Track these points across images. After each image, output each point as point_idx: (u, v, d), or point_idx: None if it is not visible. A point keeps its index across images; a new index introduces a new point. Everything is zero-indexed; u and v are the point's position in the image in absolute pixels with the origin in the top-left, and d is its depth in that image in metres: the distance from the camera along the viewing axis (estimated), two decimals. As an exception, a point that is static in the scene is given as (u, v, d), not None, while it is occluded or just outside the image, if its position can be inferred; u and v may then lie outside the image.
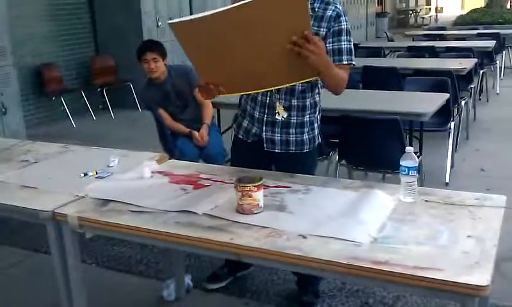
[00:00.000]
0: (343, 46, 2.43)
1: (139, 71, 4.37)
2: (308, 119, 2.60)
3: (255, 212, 2.04)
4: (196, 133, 3.97)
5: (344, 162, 3.87)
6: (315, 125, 2.66)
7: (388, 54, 9.02)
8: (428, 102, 4.09)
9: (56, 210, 2.18)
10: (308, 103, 2.58)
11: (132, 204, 2.19)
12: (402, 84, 5.37)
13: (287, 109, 2.55)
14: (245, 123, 2.69)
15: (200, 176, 2.51)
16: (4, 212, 2.36)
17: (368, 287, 2.93)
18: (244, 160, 2.67)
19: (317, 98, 2.62)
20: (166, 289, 2.95)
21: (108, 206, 2.20)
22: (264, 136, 2.60)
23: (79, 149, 3.04)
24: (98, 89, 8.32)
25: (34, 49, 7.79)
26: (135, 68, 4.85)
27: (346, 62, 2.44)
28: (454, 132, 4.79)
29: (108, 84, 8.26)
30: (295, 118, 2.58)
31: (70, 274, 2.27)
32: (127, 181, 2.48)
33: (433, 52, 7.64)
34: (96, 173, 2.58)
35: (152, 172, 2.59)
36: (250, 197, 2.03)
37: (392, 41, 11.79)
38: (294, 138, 2.60)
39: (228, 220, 2.00)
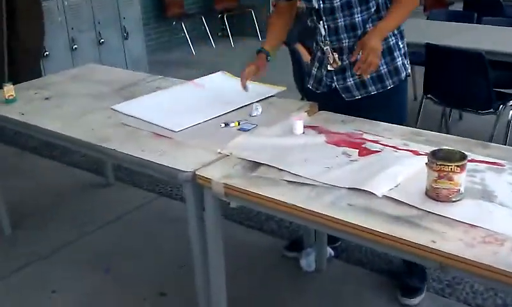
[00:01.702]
0: None
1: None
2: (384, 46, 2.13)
3: (454, 199, 1.53)
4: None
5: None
6: (396, 53, 2.18)
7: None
8: None
9: (197, 172, 1.81)
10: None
11: (287, 171, 1.76)
12: None
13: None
14: (314, 71, 2.33)
15: (364, 136, 2.02)
16: (136, 166, 2.04)
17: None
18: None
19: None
20: (305, 258, 2.57)
21: (258, 170, 1.79)
22: (338, 86, 2.22)
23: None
24: (219, 16, 7.92)
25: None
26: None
27: None
28: None
29: (229, 10, 7.83)
30: None
31: (208, 240, 1.92)
32: (276, 138, 2.05)
33: None
34: (239, 124, 2.18)
35: (304, 126, 2.14)
36: (451, 180, 1.52)
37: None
38: (369, 75, 2.14)
39: (419, 209, 1.51)
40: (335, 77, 2.24)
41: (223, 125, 2.18)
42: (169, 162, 1.88)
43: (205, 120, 2.24)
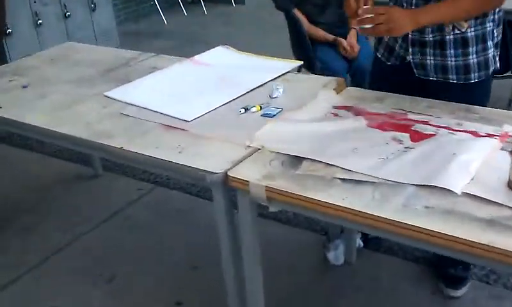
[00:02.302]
0: None
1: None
2: (473, 32, 1.80)
3: (546, 193, 1.30)
4: (343, 41, 3.16)
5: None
6: (489, 42, 1.83)
7: None
8: None
9: (229, 172, 1.52)
10: None
11: (338, 166, 1.49)
12: None
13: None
14: (386, 38, 1.96)
15: (409, 116, 1.76)
16: (151, 167, 1.73)
17: None
18: (383, 86, 1.97)
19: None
20: (333, 251, 2.32)
21: (302, 167, 1.51)
22: (412, 60, 1.87)
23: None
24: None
25: None
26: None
27: None
28: None
29: (199, -25, 7.40)
30: (453, 32, 1.79)
31: (244, 251, 1.64)
32: (309, 123, 1.77)
33: None
34: (261, 108, 1.89)
35: (335, 107, 1.88)
36: (545, 171, 1.28)
37: None
38: (453, 62, 1.83)
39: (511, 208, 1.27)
40: (411, 49, 1.86)
41: (242, 110, 1.88)
42: (193, 161, 1.58)
43: (219, 105, 1.94)
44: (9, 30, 4.72)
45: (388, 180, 1.41)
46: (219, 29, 6.39)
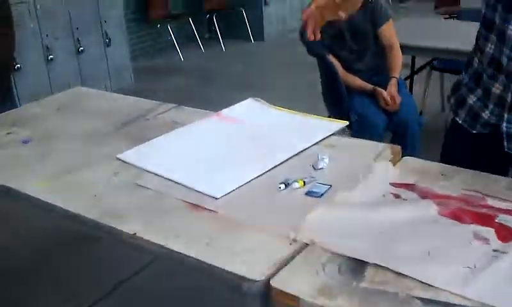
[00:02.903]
0: None
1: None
2: None
3: None
4: (383, 91, 2.85)
5: None
6: None
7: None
8: None
9: (272, 282, 1.18)
10: None
11: (415, 278, 1.15)
12: None
13: None
14: (471, 100, 1.61)
15: (488, 201, 1.43)
16: (169, 262, 1.40)
17: None
18: (463, 158, 1.62)
19: None
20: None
21: (366, 277, 1.17)
22: (505, 129, 1.53)
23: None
24: (207, 16, 7.25)
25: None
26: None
27: None
28: None
29: (218, 10, 7.17)
30: None
31: None
32: (368, 210, 1.44)
33: None
34: (304, 184, 1.56)
35: (393, 184, 1.54)
36: None
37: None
38: None
39: None
40: (506, 115, 1.52)
41: (282, 186, 1.55)
42: (223, 260, 1.24)
43: (253, 177, 1.61)
44: (18, 65, 4.47)
45: (483, 304, 1.07)
46: (237, 67, 6.13)
